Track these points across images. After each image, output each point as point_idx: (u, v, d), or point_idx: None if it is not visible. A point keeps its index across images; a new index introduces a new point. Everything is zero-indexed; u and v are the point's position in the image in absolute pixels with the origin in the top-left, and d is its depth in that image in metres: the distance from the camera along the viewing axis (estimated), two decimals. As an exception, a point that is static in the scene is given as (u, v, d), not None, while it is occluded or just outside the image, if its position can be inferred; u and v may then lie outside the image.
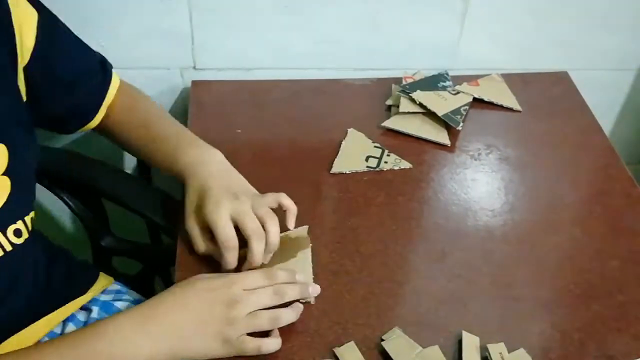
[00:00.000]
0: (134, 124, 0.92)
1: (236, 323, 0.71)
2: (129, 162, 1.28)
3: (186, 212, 0.82)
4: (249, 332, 0.72)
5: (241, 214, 0.78)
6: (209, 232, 0.80)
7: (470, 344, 0.76)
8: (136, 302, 0.93)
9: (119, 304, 0.93)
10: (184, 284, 0.74)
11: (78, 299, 0.90)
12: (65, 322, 0.89)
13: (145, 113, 0.93)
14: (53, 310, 0.87)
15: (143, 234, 1.12)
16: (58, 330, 0.88)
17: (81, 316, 0.90)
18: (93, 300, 0.92)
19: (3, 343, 0.80)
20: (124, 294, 0.96)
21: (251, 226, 0.78)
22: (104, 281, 0.95)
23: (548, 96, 1.16)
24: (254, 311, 0.73)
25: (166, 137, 0.89)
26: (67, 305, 0.89)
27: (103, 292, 0.94)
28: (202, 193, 0.81)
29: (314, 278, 0.83)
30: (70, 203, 1.03)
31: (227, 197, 0.80)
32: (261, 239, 0.78)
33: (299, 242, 0.87)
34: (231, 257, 0.79)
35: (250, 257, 0.79)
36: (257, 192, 0.85)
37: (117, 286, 0.97)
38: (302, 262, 0.85)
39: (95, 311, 0.90)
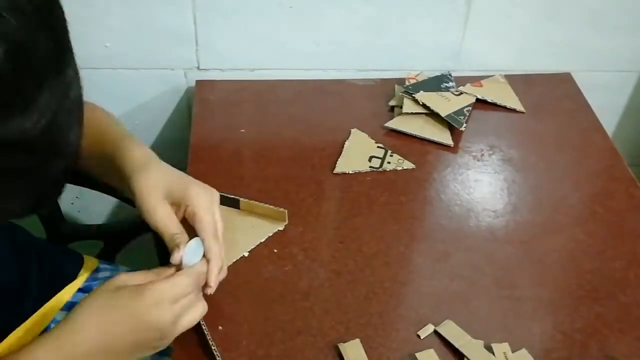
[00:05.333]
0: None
1: (166, 342, 0.68)
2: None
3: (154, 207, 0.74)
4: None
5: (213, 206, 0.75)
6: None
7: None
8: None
9: None
10: (103, 302, 0.67)
11: (71, 284, 0.91)
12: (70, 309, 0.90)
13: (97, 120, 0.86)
14: (49, 299, 0.88)
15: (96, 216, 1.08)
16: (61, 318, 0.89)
17: None
18: (91, 281, 0.93)
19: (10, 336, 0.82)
20: (120, 272, 0.96)
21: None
22: (90, 263, 0.96)
23: (551, 97, 1.16)
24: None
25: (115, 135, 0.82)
26: (61, 292, 0.90)
27: (96, 271, 0.96)
28: (171, 183, 0.74)
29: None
30: None
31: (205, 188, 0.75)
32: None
33: (271, 218, 0.89)
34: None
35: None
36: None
37: (106, 265, 0.98)
38: (255, 235, 0.87)
39: None
